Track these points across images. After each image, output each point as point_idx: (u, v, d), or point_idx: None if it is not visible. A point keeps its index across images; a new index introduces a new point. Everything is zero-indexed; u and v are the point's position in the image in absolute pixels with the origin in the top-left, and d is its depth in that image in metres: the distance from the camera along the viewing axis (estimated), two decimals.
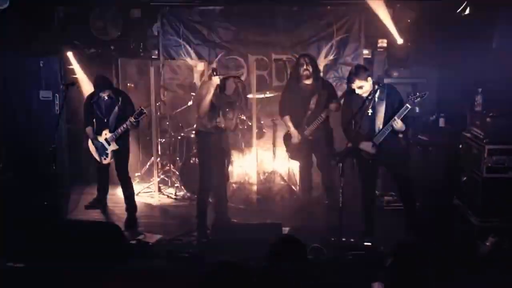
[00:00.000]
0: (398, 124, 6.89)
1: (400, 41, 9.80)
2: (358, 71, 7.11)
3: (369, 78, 7.10)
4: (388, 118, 7.00)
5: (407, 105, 6.83)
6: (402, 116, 6.88)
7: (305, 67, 8.03)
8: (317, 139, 8.25)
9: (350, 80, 7.14)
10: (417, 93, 6.86)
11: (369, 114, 7.10)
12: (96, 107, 7.98)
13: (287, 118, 8.34)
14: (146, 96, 9.50)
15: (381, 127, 7.05)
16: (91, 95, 8.04)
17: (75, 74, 9.63)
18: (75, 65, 9.71)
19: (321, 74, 8.54)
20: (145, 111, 7.75)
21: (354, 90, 7.18)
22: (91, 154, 8.27)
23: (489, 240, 7.01)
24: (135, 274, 6.48)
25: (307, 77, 8.06)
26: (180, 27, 10.66)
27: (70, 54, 9.62)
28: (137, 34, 10.68)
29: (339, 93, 9.40)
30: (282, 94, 8.55)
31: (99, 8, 9.78)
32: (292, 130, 8.28)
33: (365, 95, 7.11)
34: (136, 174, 10.03)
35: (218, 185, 7.91)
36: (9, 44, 8.73)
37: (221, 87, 7.40)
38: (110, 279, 6.28)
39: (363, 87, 7.06)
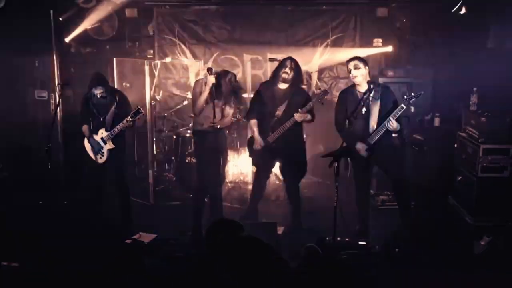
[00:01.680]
0: (393, 124, 6.91)
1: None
2: (356, 56, 7.25)
3: (367, 67, 7.14)
4: (382, 118, 7.01)
5: (402, 105, 6.84)
6: (397, 116, 6.89)
7: (286, 69, 7.56)
8: (282, 147, 7.80)
9: (349, 61, 7.19)
10: (412, 93, 6.86)
11: (363, 113, 7.11)
12: (93, 106, 7.95)
13: (253, 121, 7.89)
14: (141, 96, 9.48)
15: (375, 126, 7.07)
16: (87, 93, 8.02)
17: (71, 74, 9.63)
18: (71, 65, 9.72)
19: (303, 82, 8.17)
20: (142, 110, 7.72)
21: (349, 87, 7.26)
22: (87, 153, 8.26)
23: (484, 239, 7.03)
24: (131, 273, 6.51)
25: (284, 81, 7.62)
26: (176, 26, 10.69)
27: (65, 54, 9.61)
28: (133, 33, 10.70)
29: (335, 93, 9.45)
30: (253, 96, 8.11)
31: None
32: (256, 135, 7.85)
33: (361, 90, 7.15)
34: None
35: (213, 184, 7.89)
36: (4, 43, 8.72)
37: (215, 85, 7.38)
38: (105, 278, 6.29)
39: (360, 68, 7.08)
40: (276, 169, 9.20)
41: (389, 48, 10.09)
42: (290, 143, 7.77)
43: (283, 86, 7.67)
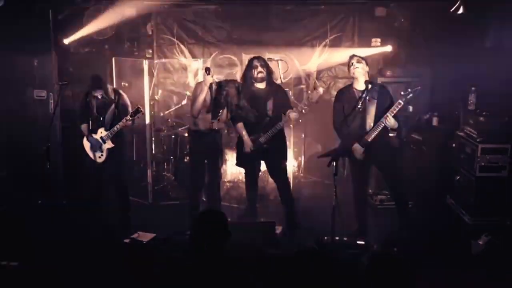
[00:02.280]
0: (390, 121, 6.94)
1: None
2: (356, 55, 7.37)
3: (367, 66, 7.27)
4: (379, 117, 7.04)
5: (400, 101, 6.87)
6: (394, 112, 6.93)
7: (259, 69, 7.61)
8: (272, 147, 7.84)
9: (352, 56, 7.29)
10: (409, 89, 6.90)
11: (361, 112, 7.13)
12: (92, 105, 7.96)
13: (240, 125, 7.88)
14: (140, 95, 9.47)
15: (372, 125, 7.09)
16: (87, 93, 8.03)
17: (69, 73, 9.62)
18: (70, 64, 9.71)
19: (277, 80, 8.13)
20: (141, 109, 7.74)
21: (347, 86, 7.44)
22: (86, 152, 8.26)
23: (482, 239, 7.04)
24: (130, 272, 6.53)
25: (262, 80, 7.67)
26: (174, 26, 10.67)
27: (64, 53, 9.59)
28: (131, 33, 10.69)
29: (334, 93, 9.46)
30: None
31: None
32: (246, 138, 7.82)
33: (359, 88, 7.17)
34: None
35: (211, 184, 7.90)
36: (3, 42, 8.71)
37: (217, 90, 7.38)
38: (104, 277, 6.30)
39: (362, 63, 7.20)
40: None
41: (388, 48, 10.10)
42: (277, 142, 7.86)
43: (261, 85, 7.74)
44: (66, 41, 9.58)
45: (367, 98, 7.12)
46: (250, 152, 7.83)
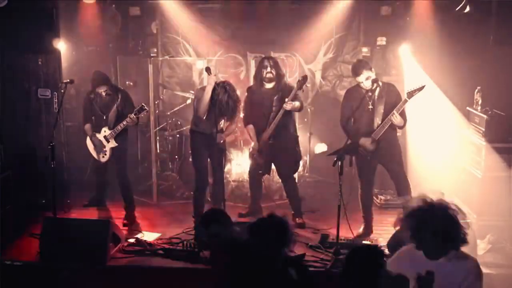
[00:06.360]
0: (397, 118, 6.98)
1: None
2: (363, 63, 7.34)
3: (373, 70, 7.23)
4: (387, 115, 7.06)
5: (406, 98, 6.91)
6: (400, 110, 6.97)
7: (268, 69, 7.71)
8: (278, 145, 7.89)
9: (360, 72, 7.17)
10: (414, 87, 6.93)
11: (369, 110, 7.16)
12: (95, 104, 7.97)
13: (250, 127, 8.03)
14: (144, 94, 9.47)
15: (380, 123, 7.11)
16: (90, 92, 8.03)
17: (74, 72, 9.61)
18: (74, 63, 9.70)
19: (285, 78, 8.20)
20: (146, 107, 7.72)
21: (356, 86, 7.44)
22: (89, 152, 8.25)
23: (488, 239, 7.03)
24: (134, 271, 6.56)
25: (270, 80, 7.76)
26: (179, 24, 10.65)
27: (69, 52, 9.57)
28: (136, 32, 10.67)
29: (339, 92, 9.47)
30: (244, 102, 8.04)
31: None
32: (255, 140, 7.98)
33: (368, 86, 7.14)
34: None
35: (216, 184, 7.89)
36: (7, 41, 8.70)
37: (214, 97, 7.32)
38: (108, 276, 6.31)
39: (370, 77, 7.14)
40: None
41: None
42: (287, 142, 7.93)
43: (269, 85, 7.82)
44: (71, 39, 9.56)
45: (375, 96, 7.15)
46: (257, 150, 7.94)
